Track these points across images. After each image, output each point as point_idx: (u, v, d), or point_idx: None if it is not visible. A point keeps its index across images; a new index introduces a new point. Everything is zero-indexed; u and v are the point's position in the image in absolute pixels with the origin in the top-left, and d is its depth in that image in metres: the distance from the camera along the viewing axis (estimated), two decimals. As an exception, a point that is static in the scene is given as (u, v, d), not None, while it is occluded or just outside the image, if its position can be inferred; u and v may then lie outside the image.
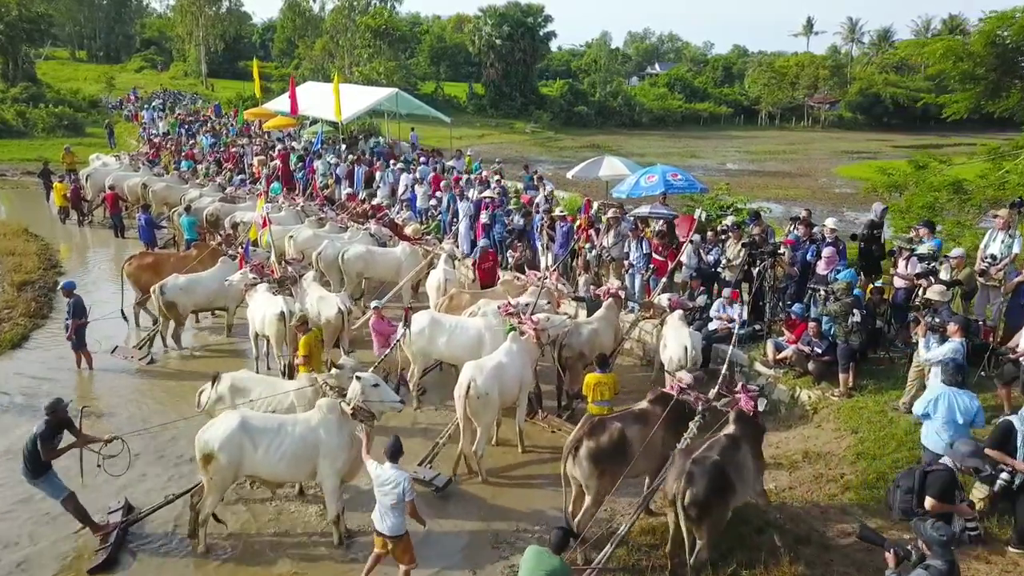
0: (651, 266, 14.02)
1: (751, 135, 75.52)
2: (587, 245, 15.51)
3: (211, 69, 77.15)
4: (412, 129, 34.81)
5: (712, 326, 13.20)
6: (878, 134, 75.72)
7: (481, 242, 16.53)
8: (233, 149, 31.48)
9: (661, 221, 14.85)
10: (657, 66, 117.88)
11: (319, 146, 27.07)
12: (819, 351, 11.60)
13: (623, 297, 12.83)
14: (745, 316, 12.95)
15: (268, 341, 12.95)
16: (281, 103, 33.07)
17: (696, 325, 12.99)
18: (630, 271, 14.58)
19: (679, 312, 12.01)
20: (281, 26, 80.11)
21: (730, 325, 13.01)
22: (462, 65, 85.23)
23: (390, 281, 16.53)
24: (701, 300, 13.22)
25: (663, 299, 12.45)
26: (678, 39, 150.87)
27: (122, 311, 15.64)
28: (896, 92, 79.60)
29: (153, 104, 54.17)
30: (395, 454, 7.63)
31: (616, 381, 10.40)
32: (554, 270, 13.87)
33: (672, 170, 17.69)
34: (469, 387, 9.92)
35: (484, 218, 18.01)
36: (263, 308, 12.71)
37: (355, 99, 29.20)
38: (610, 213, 15.10)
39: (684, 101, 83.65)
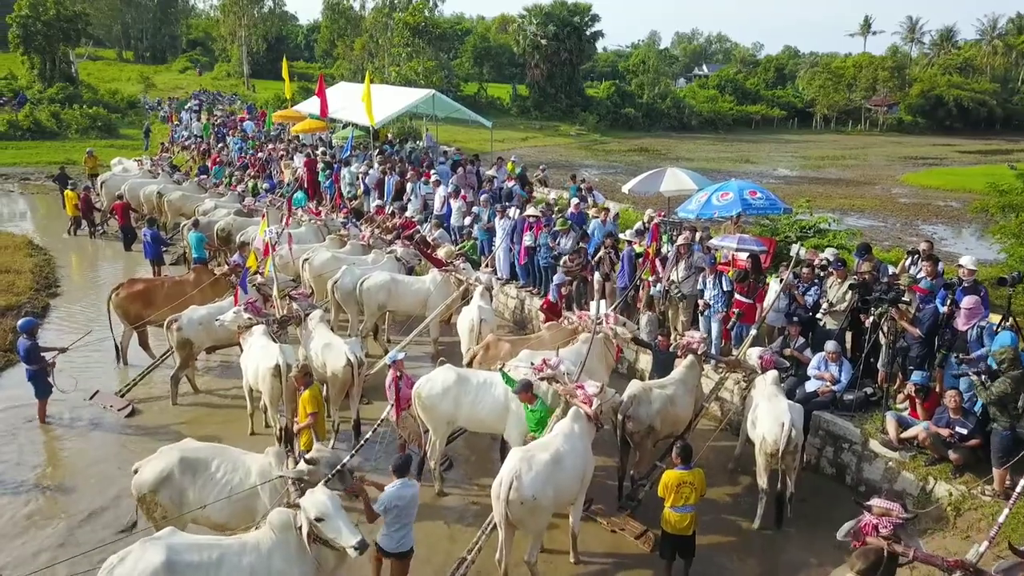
0: (735, 309, 11.37)
1: (806, 139, 72.37)
2: (651, 277, 12.94)
3: (253, 70, 76.27)
4: (427, 129, 32.31)
5: (809, 387, 10.57)
6: (941, 138, 72.41)
7: (557, 279, 14.02)
8: (260, 154, 29.50)
9: (747, 255, 12.16)
10: (705, 67, 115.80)
11: (348, 152, 24.80)
12: (962, 432, 8.90)
13: (707, 354, 10.21)
14: (848, 378, 10.33)
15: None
16: (311, 105, 31.00)
17: (788, 383, 10.40)
18: (705, 313, 11.99)
19: (773, 374, 9.43)
20: (325, 27, 78.97)
21: (833, 388, 10.39)
22: (506, 66, 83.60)
23: (417, 315, 14.18)
24: (808, 355, 10.61)
25: (752, 355, 9.88)
26: (727, 39, 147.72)
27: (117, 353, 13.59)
28: (960, 94, 76.53)
29: (189, 105, 52.80)
30: (401, 469, 7.16)
31: (703, 480, 7.83)
32: (613, 310, 11.34)
33: (750, 186, 15.01)
34: (512, 487, 7.46)
35: (528, 240, 15.57)
36: (257, 358, 10.42)
37: (389, 101, 26.92)
38: (681, 239, 12.49)
39: (735, 103, 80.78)
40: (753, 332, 10.38)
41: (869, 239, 20.32)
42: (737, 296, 11.41)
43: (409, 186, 20.61)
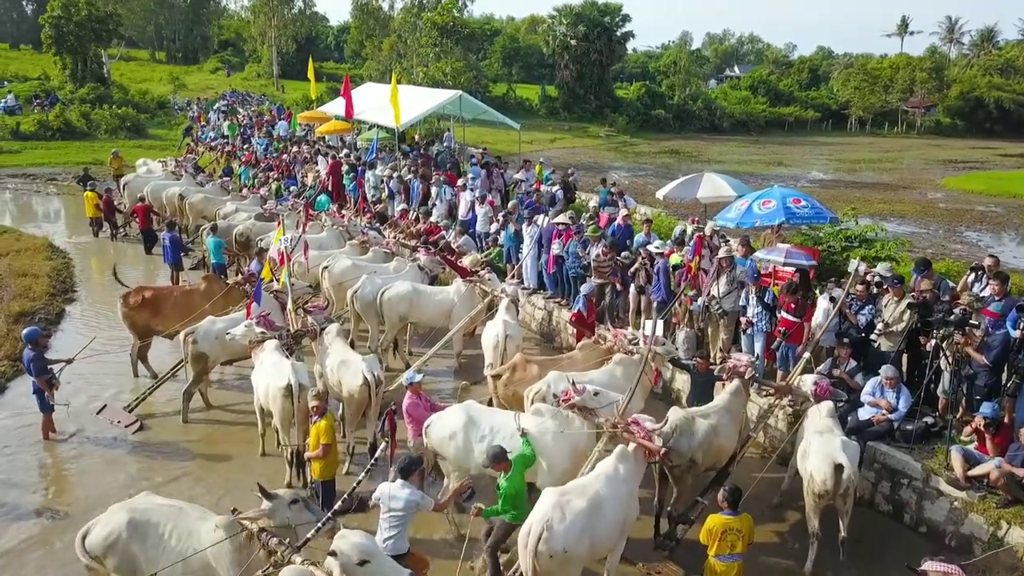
0: (781, 328, 10.51)
1: (841, 141, 70.82)
2: (691, 292, 12.12)
3: (283, 70, 76.34)
4: (448, 130, 31.51)
5: (863, 415, 9.69)
6: (981, 141, 70.40)
7: (585, 288, 13.11)
8: (284, 156, 29.06)
9: (793, 270, 11.26)
10: (736, 68, 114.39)
11: (373, 155, 24.18)
12: (1040, 473, 8.01)
13: (754, 378, 9.36)
14: (907, 406, 9.44)
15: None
16: (337, 106, 30.49)
17: (840, 410, 9.53)
18: (748, 331, 11.15)
19: (829, 406, 8.58)
20: (354, 27, 78.88)
21: (890, 416, 9.50)
22: (535, 67, 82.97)
23: (440, 327, 13.50)
24: (859, 380, 9.74)
25: (806, 382, 9.03)
26: (759, 40, 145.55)
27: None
28: (1001, 96, 74.70)
29: (217, 106, 52.74)
30: (406, 470, 6.97)
31: (751, 527, 7.03)
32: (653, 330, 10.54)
33: (793, 194, 14.12)
34: (541, 538, 6.65)
35: (556, 248, 14.81)
36: (268, 376, 9.78)
37: (415, 102, 26.29)
38: (723, 252, 11.66)
39: (768, 105, 79.33)
40: (806, 356, 9.50)
41: (913, 247, 19.27)
42: (783, 314, 10.56)
43: (434, 190, 19.94)
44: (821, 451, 8.17)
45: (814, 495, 8.18)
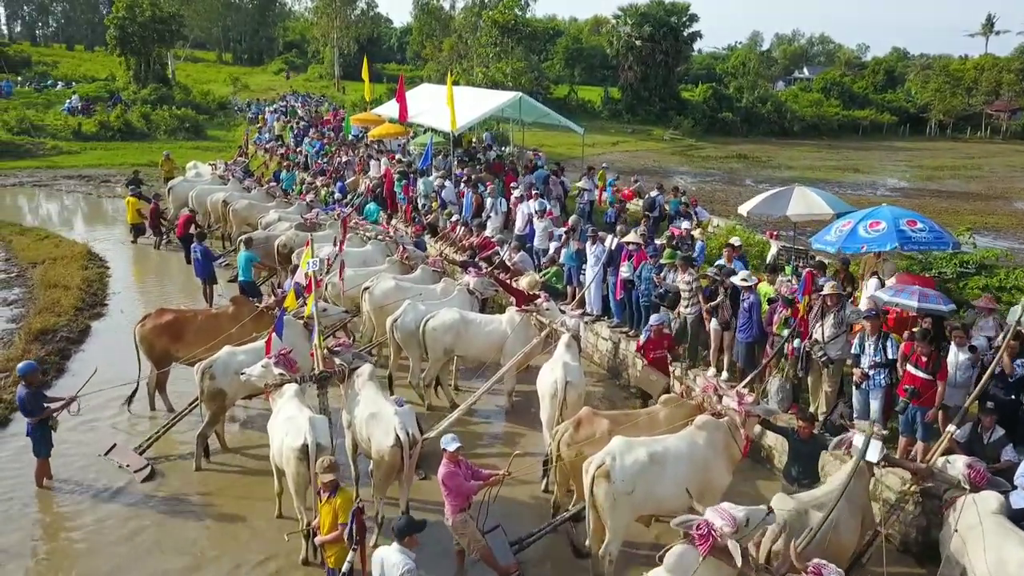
0: (907, 386, 8.50)
1: (919, 146, 67.19)
2: (786, 330, 10.18)
3: (345, 72, 76.12)
4: (487, 129, 29.74)
5: (1017, 500, 7.65)
6: (1072, 146, 65.87)
7: (655, 319, 11.52)
8: (338, 159, 27.88)
9: (926, 317, 9.17)
10: (806, 70, 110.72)
11: (428, 162, 22.66)
12: None
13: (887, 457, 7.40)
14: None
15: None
16: (391, 108, 29.14)
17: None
18: (862, 386, 9.18)
19: (994, 501, 6.62)
20: (416, 28, 78.29)
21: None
22: (597, 68, 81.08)
23: (490, 361, 11.85)
24: (1010, 455, 7.72)
25: (958, 465, 7.08)
26: (830, 41, 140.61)
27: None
28: (1095, 99, 69.59)
29: (275, 107, 52.27)
30: (402, 533, 6.39)
31: None
32: (749, 385, 8.69)
33: (907, 214, 11.99)
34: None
35: (625, 271, 13.02)
36: (282, 431, 8.25)
37: (472, 105, 24.72)
38: (828, 287, 9.69)
39: (841, 107, 75.89)
40: (952, 430, 7.48)
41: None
42: (911, 369, 8.55)
43: (489, 201, 18.28)
44: (996, 559, 6.22)
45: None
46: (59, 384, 12.55)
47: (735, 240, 13.92)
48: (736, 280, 10.90)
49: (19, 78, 61.02)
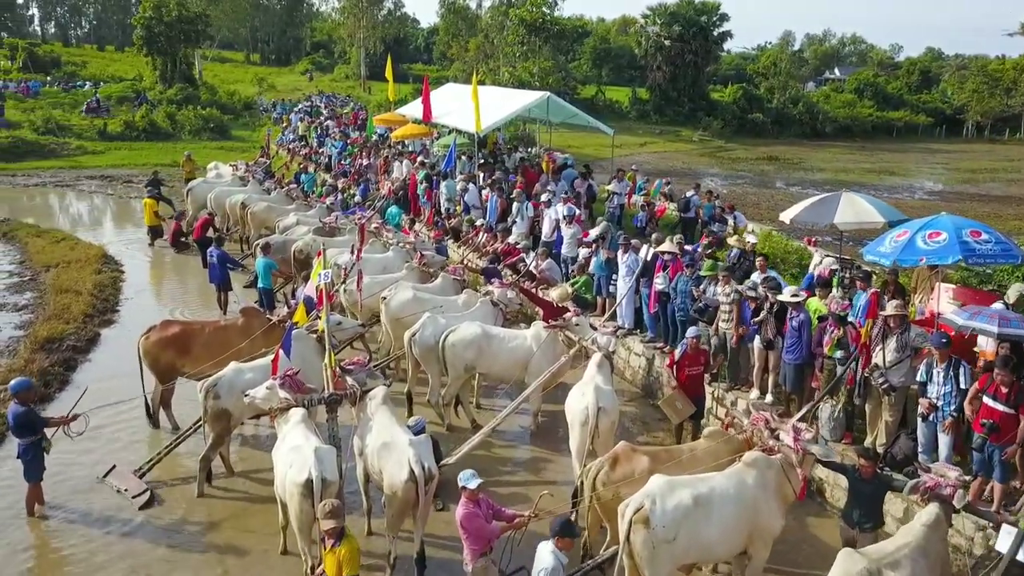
0: (985, 420, 7.54)
1: (956, 148, 65.65)
2: (838, 351, 9.25)
3: (371, 72, 75.88)
4: (499, 130, 28.83)
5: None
6: (1115, 148, 63.85)
7: (690, 331, 10.61)
8: (361, 161, 27.24)
9: (1003, 344, 8.18)
10: (837, 70, 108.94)
11: (451, 164, 21.89)
12: None
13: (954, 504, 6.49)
14: None
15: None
16: (415, 108, 28.43)
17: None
18: (930, 417, 8.23)
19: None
20: (442, 28, 77.87)
21: None
22: (625, 68, 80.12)
23: (514, 379, 11.04)
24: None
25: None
26: (862, 41, 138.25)
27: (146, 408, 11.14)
28: None
29: (299, 107, 51.91)
30: (559, 532, 6.18)
31: None
32: (806, 417, 7.79)
33: (970, 224, 10.95)
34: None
35: (659, 283, 12.15)
36: (286, 462, 7.51)
37: (498, 104, 23.90)
38: (892, 308, 8.75)
39: (875, 108, 74.26)
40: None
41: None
42: (988, 400, 7.60)
43: (515, 206, 17.45)
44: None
45: None
46: (62, 397, 11.95)
47: (754, 230, 12.95)
48: (784, 297, 9.98)
49: (48, 78, 61.38)
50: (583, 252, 14.79)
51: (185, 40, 55.09)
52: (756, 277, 10.95)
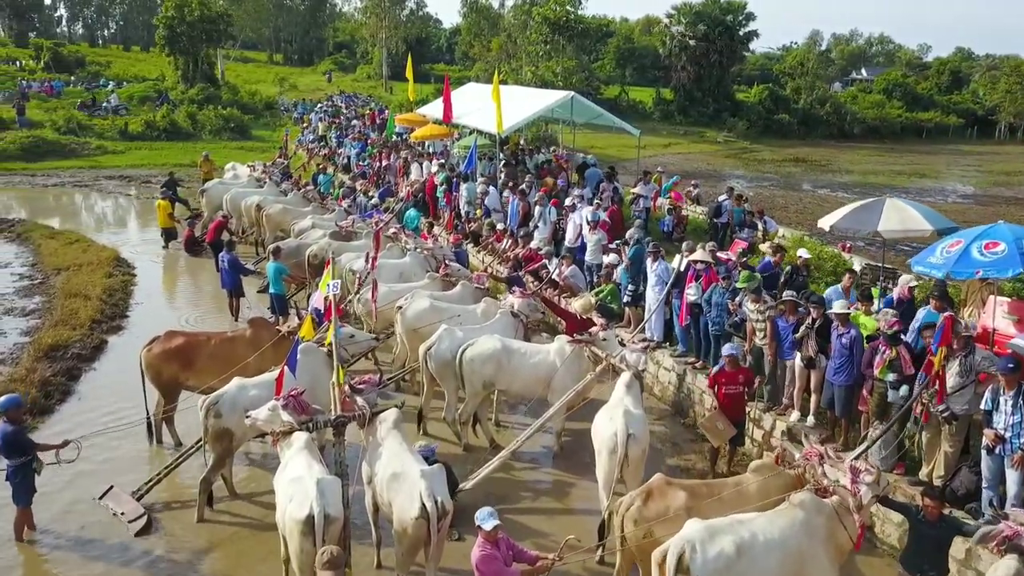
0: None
1: (988, 150, 64.46)
2: (890, 374, 8.47)
3: (393, 72, 75.62)
4: (521, 131, 27.94)
5: None
6: None
7: (728, 349, 9.85)
8: (376, 163, 26.69)
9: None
10: (864, 71, 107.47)
11: (472, 166, 21.23)
12: None
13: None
14: None
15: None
16: (436, 109, 27.82)
17: None
18: (996, 450, 7.44)
19: None
20: (465, 28, 77.44)
21: None
22: (648, 69, 79.31)
23: (536, 396, 10.35)
24: None
25: None
26: (890, 41, 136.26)
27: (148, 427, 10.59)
28: None
29: (320, 106, 51.56)
30: None
31: None
32: (864, 452, 7.01)
33: (1031, 233, 10.18)
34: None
35: (692, 293, 11.42)
36: (287, 493, 6.88)
37: (521, 105, 23.21)
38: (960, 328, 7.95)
39: (904, 109, 72.87)
40: None
41: None
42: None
43: (537, 210, 16.77)
44: None
45: None
46: (63, 410, 11.47)
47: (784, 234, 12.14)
48: (836, 309, 9.19)
49: (72, 78, 61.59)
50: (608, 258, 14.04)
51: (207, 40, 55.00)
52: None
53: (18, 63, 68.40)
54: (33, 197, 29.84)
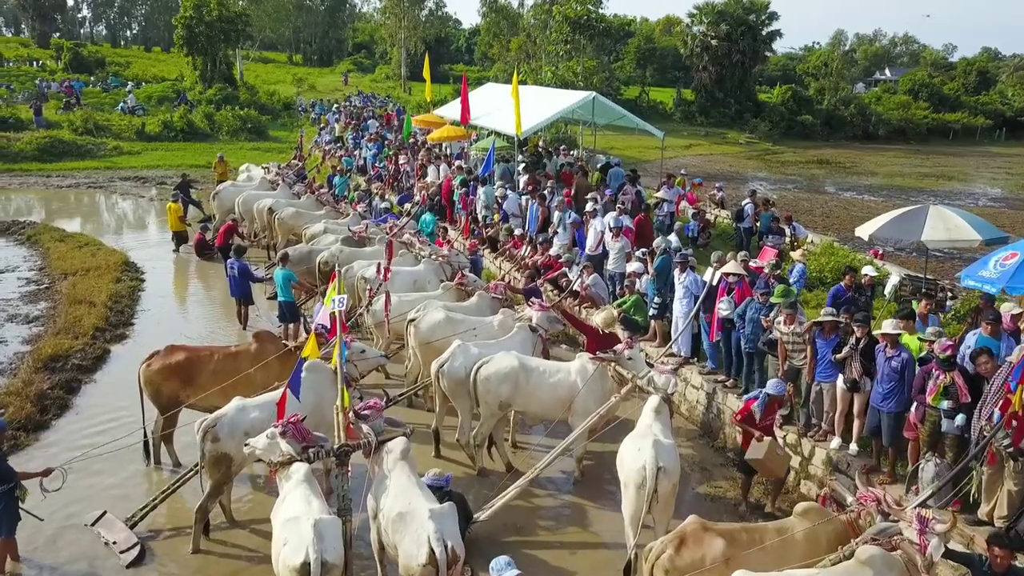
0: None
1: (1017, 152, 62.85)
2: (944, 402, 7.73)
3: (412, 72, 75.25)
4: (540, 132, 27.05)
5: None
6: None
7: (772, 386, 8.98)
8: (391, 166, 26.11)
9: None
10: (888, 71, 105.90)
11: (489, 168, 20.58)
12: None
13: None
14: None
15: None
16: (453, 109, 27.21)
17: None
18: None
19: None
20: (484, 28, 76.96)
21: None
22: (669, 69, 78.47)
23: (557, 418, 9.68)
24: None
25: None
26: (914, 41, 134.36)
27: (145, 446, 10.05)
28: None
29: (335, 107, 51.15)
30: None
31: None
32: (930, 497, 6.27)
33: (1092, 247, 9.40)
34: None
35: (724, 308, 10.70)
36: (282, 536, 6.27)
37: (540, 105, 22.57)
38: (1017, 353, 7.21)
39: (931, 110, 71.44)
40: None
41: None
42: None
43: (556, 215, 16.10)
44: None
45: None
46: (58, 425, 10.94)
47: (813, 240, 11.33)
48: (886, 328, 8.44)
49: (91, 78, 61.63)
50: (631, 266, 13.32)
51: (225, 40, 54.77)
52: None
53: (39, 63, 68.63)
54: (47, 197, 29.55)
